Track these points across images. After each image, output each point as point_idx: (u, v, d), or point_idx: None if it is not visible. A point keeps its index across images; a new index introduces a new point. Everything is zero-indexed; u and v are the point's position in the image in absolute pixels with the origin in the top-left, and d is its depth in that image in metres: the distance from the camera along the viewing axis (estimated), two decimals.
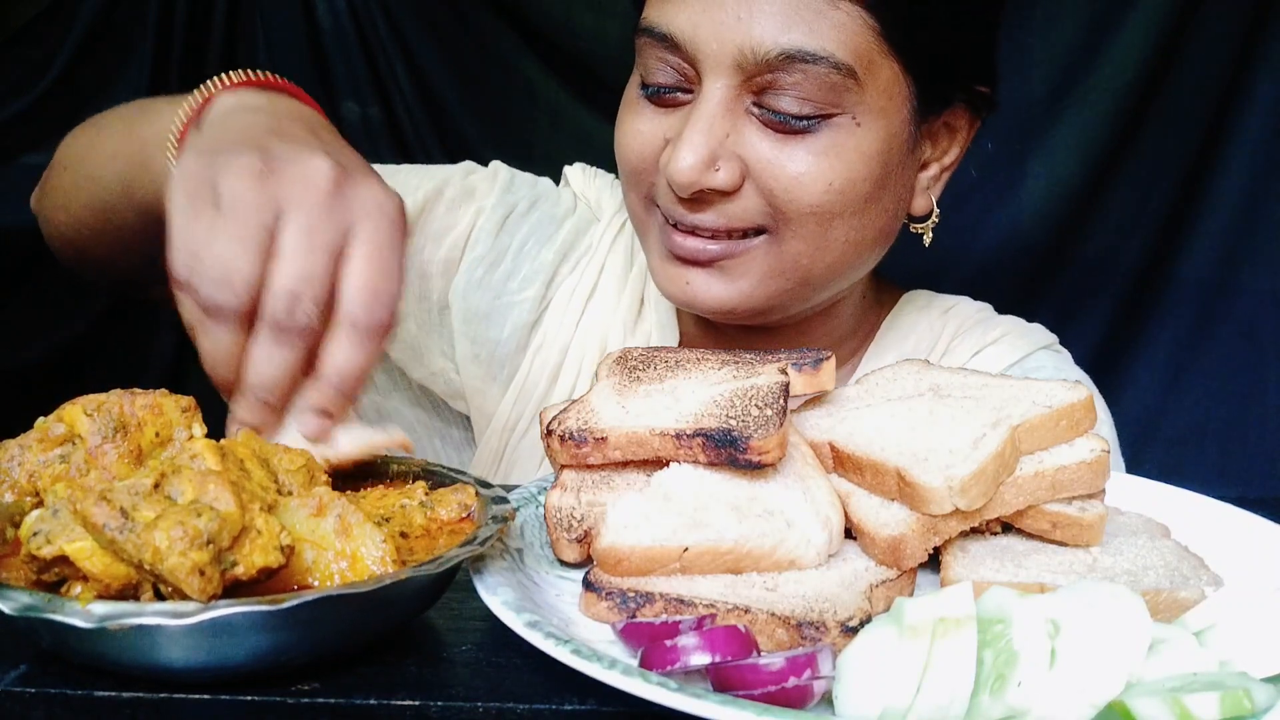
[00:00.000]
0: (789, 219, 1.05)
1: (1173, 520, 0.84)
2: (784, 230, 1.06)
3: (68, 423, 0.70)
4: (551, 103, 2.12)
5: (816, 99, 1.02)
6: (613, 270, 1.28)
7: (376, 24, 2.13)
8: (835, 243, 1.07)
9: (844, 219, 1.06)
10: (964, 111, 1.15)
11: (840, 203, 1.05)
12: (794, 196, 1.04)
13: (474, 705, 0.62)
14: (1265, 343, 2.01)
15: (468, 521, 0.75)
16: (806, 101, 1.02)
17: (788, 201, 1.04)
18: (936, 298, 1.32)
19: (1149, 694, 0.56)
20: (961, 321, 1.28)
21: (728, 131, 1.04)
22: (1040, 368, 1.22)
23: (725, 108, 1.04)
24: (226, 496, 0.61)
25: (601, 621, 0.71)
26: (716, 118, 1.03)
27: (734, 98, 1.04)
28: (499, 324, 1.25)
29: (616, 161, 1.15)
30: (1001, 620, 0.59)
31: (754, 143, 1.04)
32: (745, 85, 1.03)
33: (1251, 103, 1.95)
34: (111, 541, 0.58)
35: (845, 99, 1.03)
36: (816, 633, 0.67)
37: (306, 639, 0.62)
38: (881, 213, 1.10)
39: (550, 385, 1.26)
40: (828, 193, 1.04)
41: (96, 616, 0.58)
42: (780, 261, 1.08)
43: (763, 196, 1.05)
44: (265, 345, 0.75)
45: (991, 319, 1.29)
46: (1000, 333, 1.26)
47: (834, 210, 1.05)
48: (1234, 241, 1.99)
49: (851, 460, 0.80)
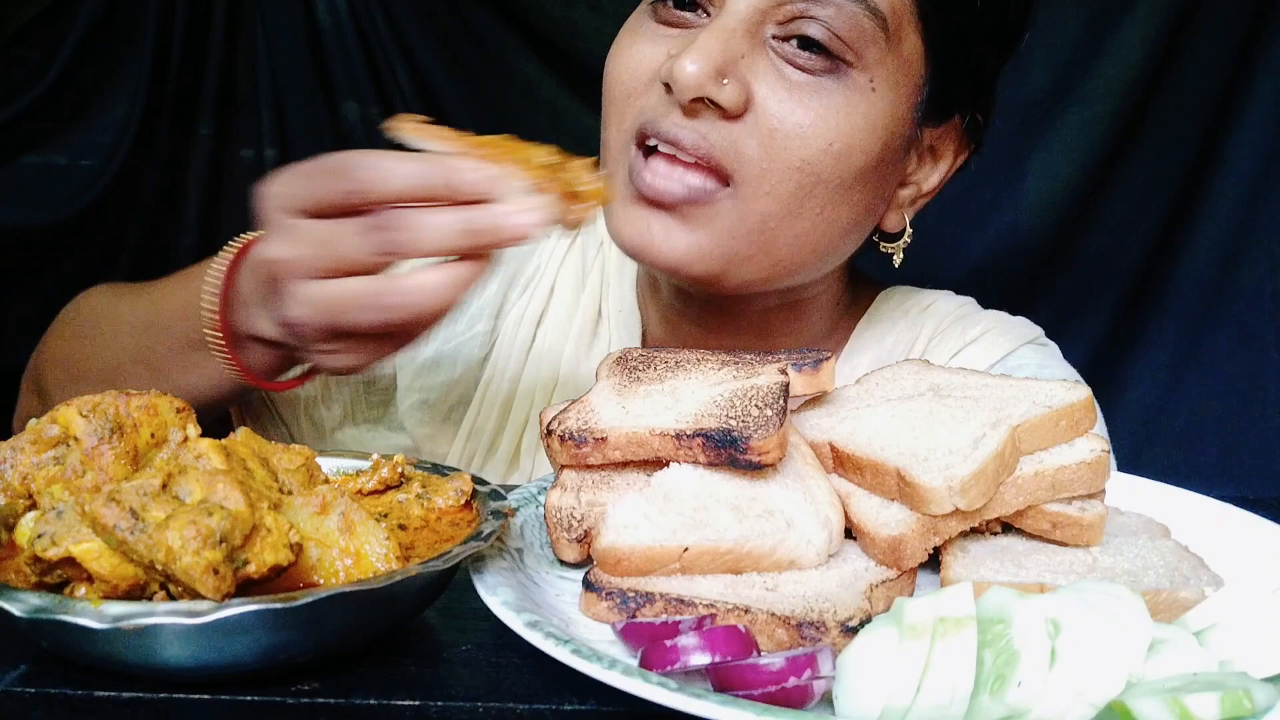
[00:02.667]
0: (769, 171, 1.00)
1: (1173, 520, 0.84)
2: (759, 184, 1.01)
3: (62, 424, 0.70)
4: (551, 103, 2.13)
5: (844, 38, 0.99)
6: (564, 289, 1.24)
7: (376, 24, 2.13)
8: (807, 212, 1.03)
9: (825, 188, 1.02)
10: (953, 137, 1.13)
11: (830, 168, 1.01)
12: (790, 145, 1.00)
13: (474, 705, 0.62)
14: (1265, 343, 2.01)
15: (467, 510, 0.75)
16: (833, 37, 0.98)
17: (783, 148, 1.00)
18: (914, 293, 1.27)
19: (1149, 694, 0.56)
20: (940, 319, 1.23)
21: (744, 53, 0.99)
22: (1022, 365, 1.18)
23: (748, 27, 1.00)
24: (236, 495, 0.61)
25: (601, 621, 0.71)
26: (736, 33, 0.99)
27: (758, 21, 1.00)
28: (449, 367, 1.22)
29: (603, 94, 1.09)
30: (1001, 620, 0.59)
31: (766, 76, 1.00)
32: (772, 11, 0.99)
33: (1251, 103, 1.95)
34: (122, 542, 0.58)
35: (868, 53, 1.00)
36: (816, 633, 0.67)
37: (314, 636, 0.62)
38: (860, 201, 1.06)
39: (503, 418, 1.23)
40: (825, 153, 1.00)
41: (110, 617, 0.58)
42: (745, 220, 1.02)
43: (757, 137, 1.00)
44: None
45: (972, 315, 1.24)
46: (981, 330, 1.21)
47: (821, 173, 1.01)
48: (1234, 241, 2.00)
49: (851, 460, 0.80)
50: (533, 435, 1.23)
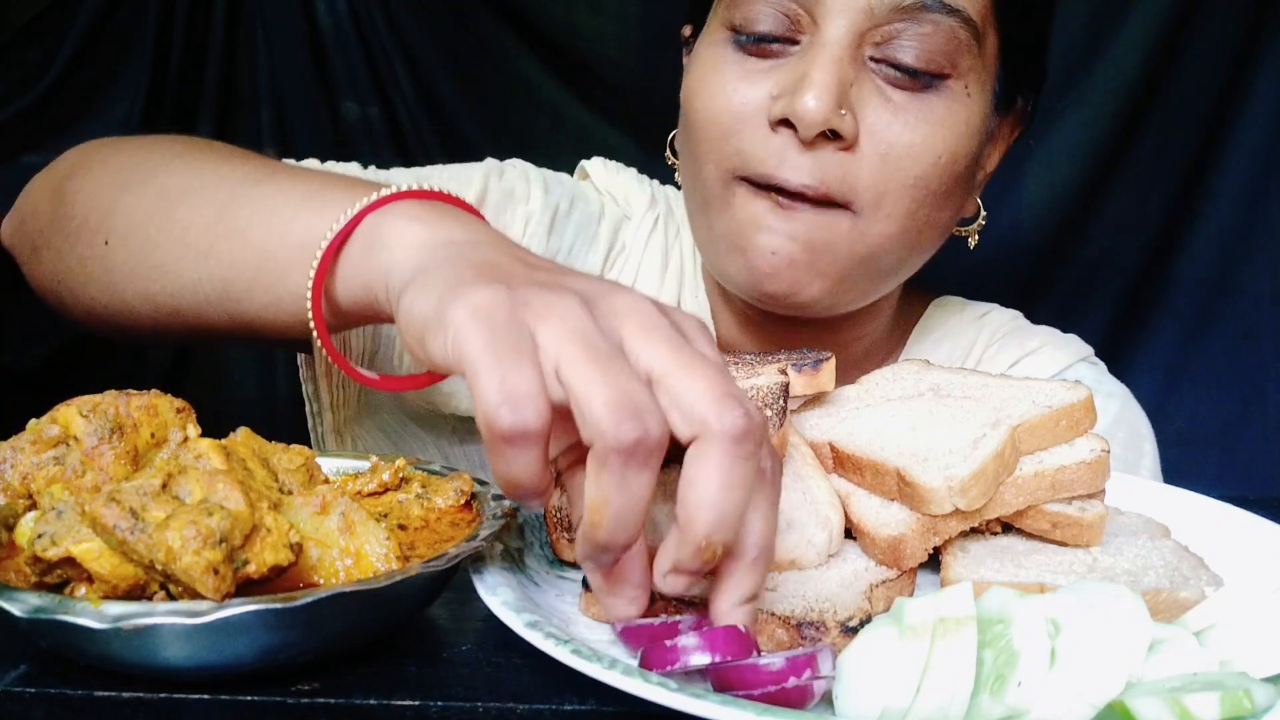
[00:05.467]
0: (885, 195, 1.01)
1: (1173, 520, 0.84)
2: (877, 209, 1.01)
3: (62, 424, 0.70)
4: (551, 103, 2.12)
5: (939, 56, 0.99)
6: (649, 270, 1.22)
7: (376, 24, 2.13)
8: (918, 223, 1.04)
9: (935, 197, 1.03)
10: (1014, 120, 1.14)
11: (940, 179, 1.02)
12: (903, 165, 1.00)
13: (474, 705, 0.62)
14: (1265, 343, 2.01)
15: (467, 510, 0.75)
16: (930, 57, 0.99)
17: (896, 169, 1.00)
18: (969, 304, 1.29)
19: (1149, 694, 0.56)
20: (995, 330, 1.25)
21: (851, 80, 0.99)
22: (1080, 381, 1.20)
23: (850, 54, 0.99)
24: (236, 495, 0.61)
25: (601, 622, 0.71)
26: (844, 62, 0.98)
27: (855, 45, 0.99)
28: None
29: (690, 128, 1.06)
30: (1001, 620, 0.59)
31: (872, 100, 1.00)
32: (868, 33, 0.99)
33: (1251, 103, 1.95)
34: (122, 542, 0.58)
35: (962, 62, 1.00)
36: (816, 633, 0.67)
37: (314, 636, 0.62)
38: (957, 200, 1.08)
39: None
40: (934, 166, 1.01)
41: (110, 617, 0.57)
42: (865, 241, 1.02)
43: (871, 163, 1.00)
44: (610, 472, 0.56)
45: (1027, 328, 1.27)
46: (1039, 343, 1.24)
47: (932, 185, 1.02)
48: (1234, 241, 1.99)
49: (851, 460, 0.80)
50: None
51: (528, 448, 0.57)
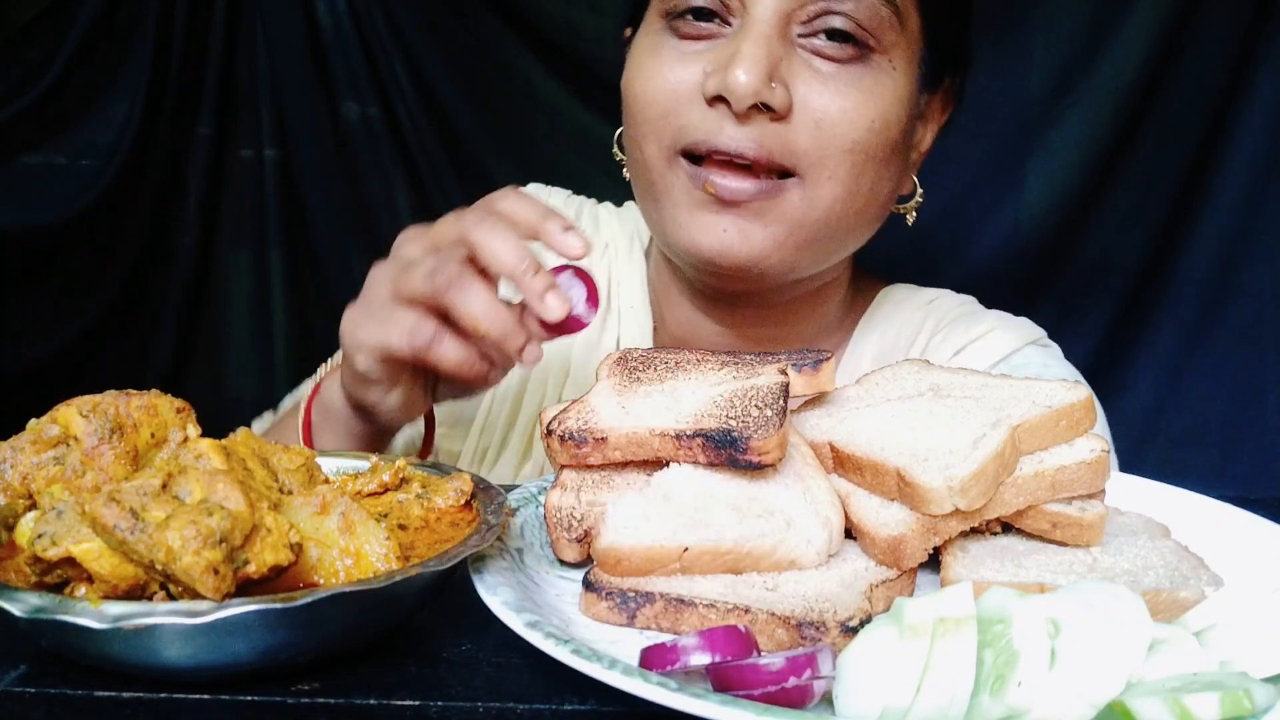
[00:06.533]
0: (825, 159, 1.06)
1: (1173, 520, 0.84)
2: (818, 172, 1.06)
3: (62, 424, 0.70)
4: (551, 103, 2.12)
5: (865, 28, 1.05)
6: None
7: (376, 24, 2.13)
8: (862, 189, 1.09)
9: (874, 163, 1.08)
10: (941, 99, 1.19)
11: (876, 144, 1.07)
12: (839, 130, 1.05)
13: (474, 705, 0.62)
14: (1265, 343, 2.01)
15: (467, 510, 0.75)
16: (857, 26, 1.05)
17: (832, 135, 1.05)
18: (917, 291, 1.31)
19: (1149, 694, 0.56)
20: (943, 316, 1.26)
21: (780, 56, 1.05)
22: (1027, 364, 1.20)
23: (779, 30, 1.05)
24: (236, 495, 0.61)
25: (601, 622, 0.71)
26: (772, 38, 1.04)
27: (785, 22, 1.05)
28: None
29: (630, 112, 1.13)
30: (1001, 620, 0.59)
31: (802, 73, 1.06)
32: (795, 12, 1.05)
33: (1251, 103, 1.95)
34: (122, 542, 0.58)
35: (885, 38, 1.07)
36: (816, 633, 0.67)
37: (314, 636, 0.62)
38: (895, 171, 1.13)
39: (514, 413, 1.26)
40: (869, 131, 1.07)
41: (110, 617, 0.57)
42: (815, 206, 1.08)
43: (806, 130, 1.05)
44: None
45: (975, 314, 1.28)
46: (986, 328, 1.24)
47: (869, 150, 1.07)
48: (1234, 241, 1.99)
49: (851, 460, 0.80)
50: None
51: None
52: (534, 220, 0.92)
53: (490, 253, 0.90)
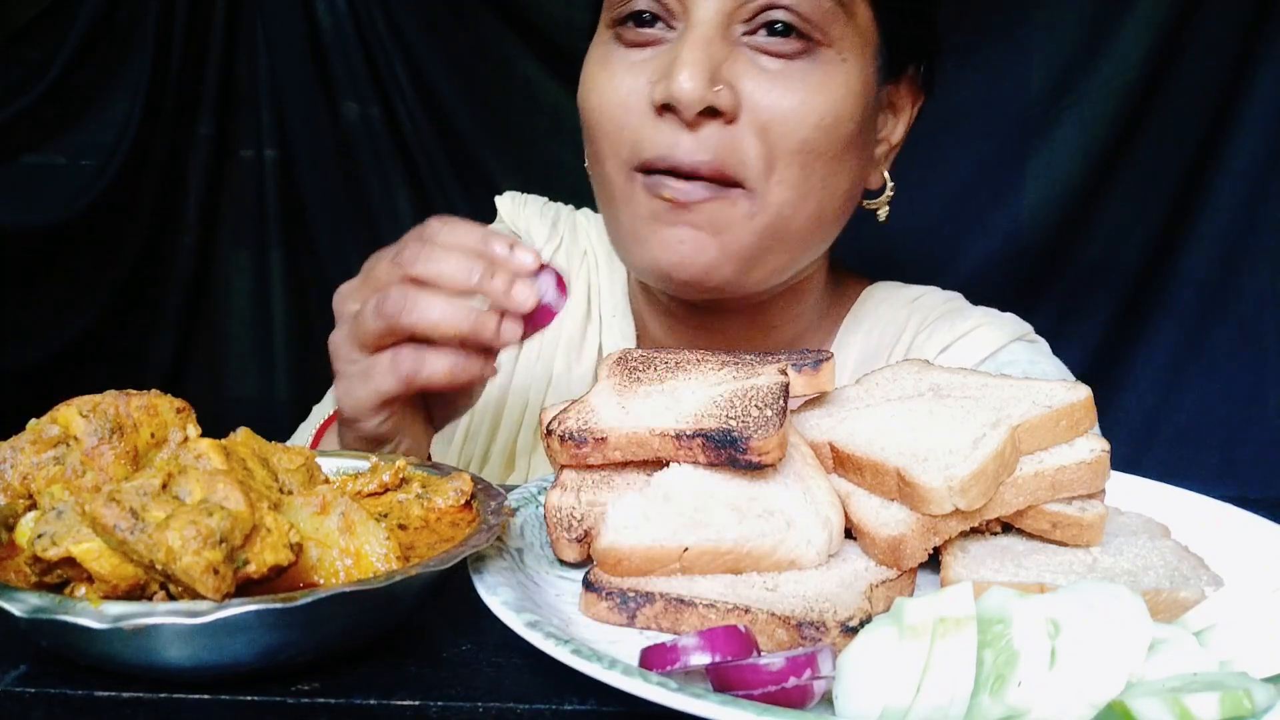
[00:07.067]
0: (775, 161, 1.04)
1: (1173, 520, 0.84)
2: (768, 179, 1.05)
3: (62, 424, 0.70)
4: (551, 103, 2.12)
5: (810, 21, 1.04)
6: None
7: (376, 24, 2.13)
8: (813, 190, 1.07)
9: (825, 161, 1.06)
10: (908, 89, 1.18)
11: (826, 141, 1.06)
12: (786, 130, 1.04)
13: (474, 705, 0.62)
14: (1265, 343, 2.01)
15: (467, 510, 0.75)
16: (801, 19, 1.03)
17: (780, 136, 1.04)
18: (902, 288, 1.30)
19: (1149, 694, 0.56)
20: (928, 313, 1.25)
21: (723, 58, 1.03)
22: (1013, 361, 1.20)
23: (720, 31, 1.04)
24: (236, 495, 0.61)
25: (601, 622, 0.71)
26: (714, 40, 1.03)
27: (726, 23, 1.04)
28: None
29: (587, 127, 1.12)
30: (1001, 620, 0.59)
31: (748, 72, 1.04)
32: (736, 11, 1.03)
33: (1251, 103, 1.94)
34: (122, 542, 0.58)
35: (833, 31, 1.05)
36: (816, 633, 0.67)
37: (314, 636, 0.62)
38: (853, 167, 1.11)
39: (496, 422, 1.26)
40: (818, 129, 1.05)
41: (110, 617, 0.57)
42: (765, 213, 1.06)
43: (754, 132, 1.04)
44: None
45: (961, 311, 1.26)
46: (971, 325, 1.23)
47: (820, 148, 1.05)
48: (1234, 241, 1.99)
49: (851, 460, 0.80)
50: (526, 438, 1.26)
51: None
52: (474, 245, 0.90)
53: (438, 276, 0.88)
